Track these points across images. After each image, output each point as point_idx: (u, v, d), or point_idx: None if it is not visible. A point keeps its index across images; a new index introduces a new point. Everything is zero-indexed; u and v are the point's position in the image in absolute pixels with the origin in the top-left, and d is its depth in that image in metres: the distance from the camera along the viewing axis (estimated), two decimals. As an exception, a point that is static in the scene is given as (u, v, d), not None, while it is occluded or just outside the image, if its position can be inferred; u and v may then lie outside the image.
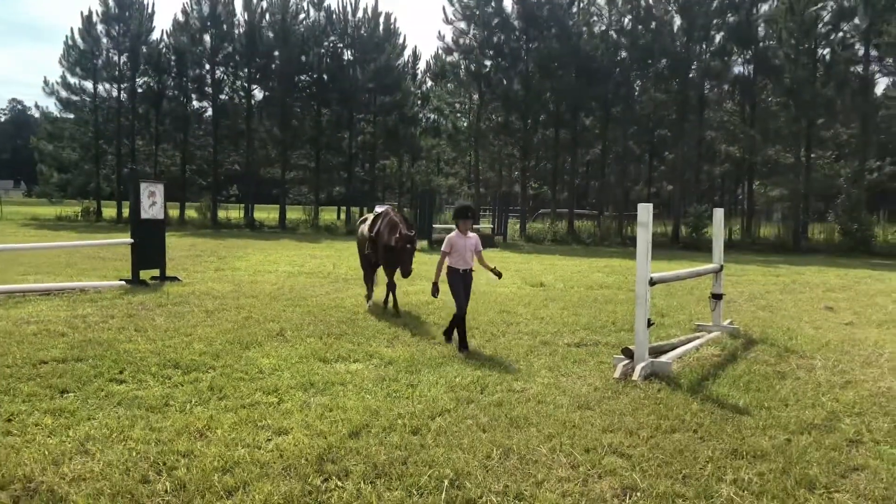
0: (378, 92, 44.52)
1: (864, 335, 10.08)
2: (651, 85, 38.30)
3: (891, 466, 4.95)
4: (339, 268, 18.12)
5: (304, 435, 5.30)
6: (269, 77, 43.55)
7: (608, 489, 4.49)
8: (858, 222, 30.56)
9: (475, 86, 40.61)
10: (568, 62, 37.09)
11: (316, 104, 43.88)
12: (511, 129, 39.59)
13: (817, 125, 34.08)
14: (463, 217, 8.74)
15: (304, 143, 44.25)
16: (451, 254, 8.67)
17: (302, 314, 10.66)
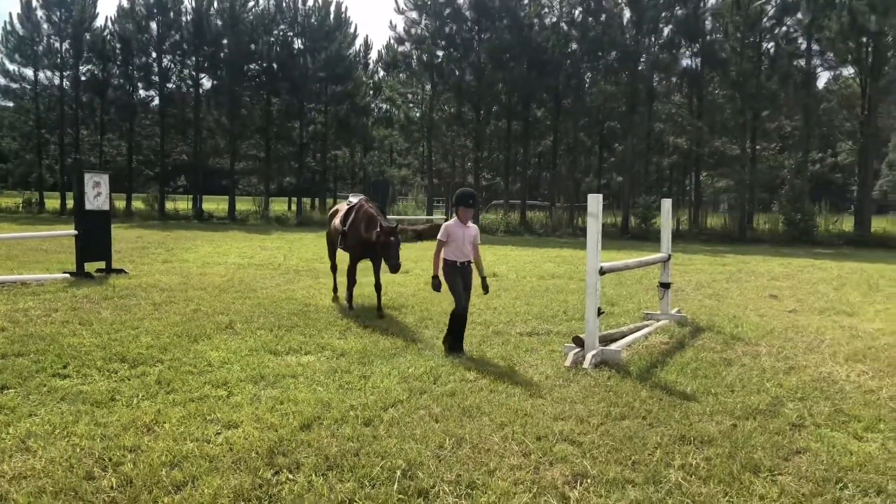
0: (329, 81, 44.12)
1: (806, 322, 10.35)
2: (601, 77, 38.69)
3: (831, 449, 5.10)
4: (289, 259, 17.94)
5: (255, 428, 5.24)
6: (217, 66, 42.81)
7: (559, 476, 4.54)
8: (801, 212, 31.34)
9: (427, 76, 40.52)
10: (519, 53, 37.23)
11: (265, 93, 43.31)
12: (464, 119, 39.63)
13: (762, 117, 34.82)
14: (464, 204, 7.87)
15: (254, 133, 43.68)
16: (448, 244, 7.89)
17: (252, 306, 10.53)
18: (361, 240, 10.16)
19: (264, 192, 44.69)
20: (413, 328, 9.29)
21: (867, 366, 7.64)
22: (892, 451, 5.12)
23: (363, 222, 10.18)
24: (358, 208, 10.50)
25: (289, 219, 39.70)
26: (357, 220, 10.35)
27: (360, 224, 10.23)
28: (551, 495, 4.25)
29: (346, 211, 10.75)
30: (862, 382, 6.96)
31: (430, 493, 4.26)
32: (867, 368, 7.52)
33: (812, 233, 31.09)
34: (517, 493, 4.28)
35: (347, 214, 10.62)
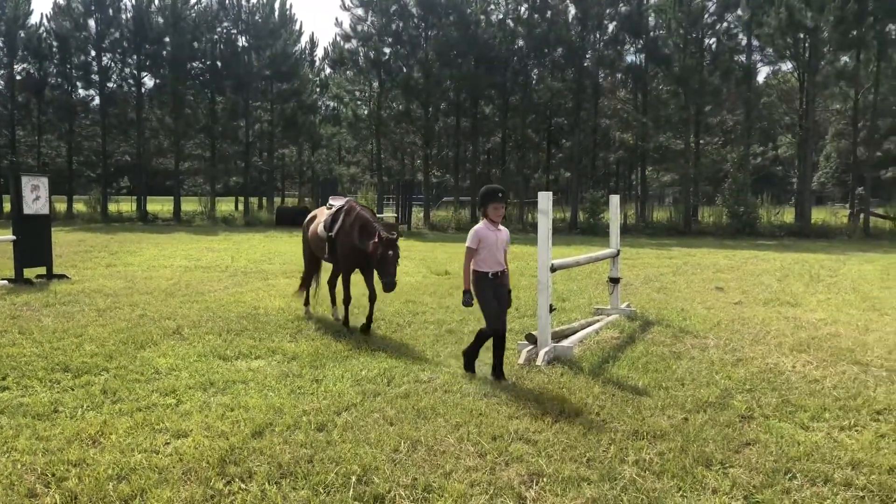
0: (275, 79, 43.58)
1: (752, 314, 10.57)
2: (548, 73, 38.98)
3: (779, 440, 5.20)
4: (237, 261, 17.66)
5: (205, 437, 5.13)
6: (159, 64, 41.90)
7: (515, 476, 4.54)
8: (744, 205, 32.01)
9: (375, 73, 40.27)
10: (467, 50, 37.26)
11: (210, 92, 42.56)
12: (412, 117, 39.52)
13: (705, 112, 35.50)
14: (496, 200, 6.92)
15: (199, 133, 42.87)
16: (479, 252, 6.82)
17: (200, 310, 10.33)
18: (354, 248, 8.93)
19: (210, 192, 43.93)
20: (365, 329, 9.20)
21: (811, 356, 7.83)
22: (837, 440, 5.24)
23: (356, 229, 8.93)
24: (348, 211, 9.26)
25: (236, 219, 39.10)
26: (348, 225, 9.10)
27: (352, 230, 8.98)
28: (508, 496, 4.24)
29: (332, 215, 9.45)
30: (807, 372, 7.12)
31: (386, 498, 4.22)
32: (811, 358, 7.70)
33: (755, 225, 31.80)
34: (474, 495, 4.26)
35: (334, 219, 9.35)
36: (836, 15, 29.99)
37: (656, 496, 4.25)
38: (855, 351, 8.06)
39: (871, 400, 6.16)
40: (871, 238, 29.33)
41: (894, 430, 5.44)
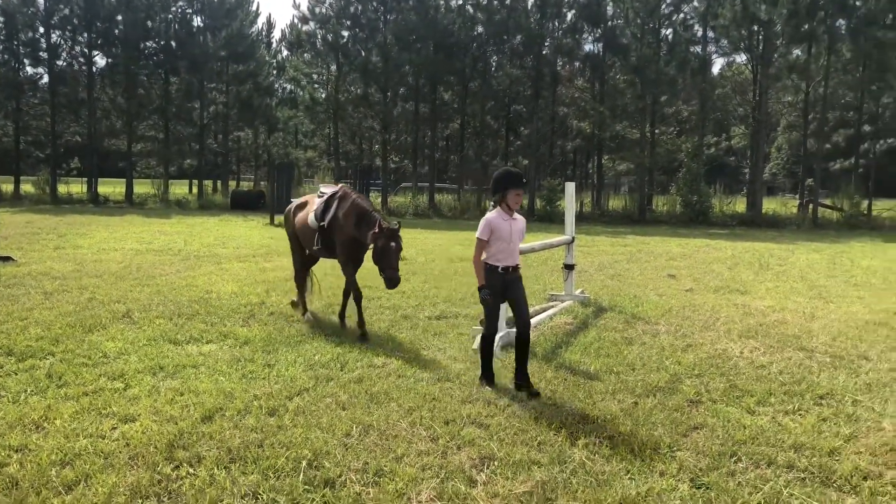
0: (231, 60, 42.79)
1: (702, 300, 10.75)
2: (507, 60, 39.00)
3: (725, 424, 5.30)
4: (190, 244, 17.38)
5: (153, 421, 5.05)
6: (111, 43, 40.81)
7: (467, 460, 4.55)
8: (698, 194, 32.50)
9: (333, 56, 39.88)
10: (426, 35, 37.07)
11: (164, 72, 41.62)
12: (370, 101, 39.25)
13: (661, 102, 35.91)
14: (517, 186, 6.12)
15: (152, 114, 41.92)
16: (491, 244, 6.07)
17: (150, 294, 10.15)
18: (350, 239, 8.13)
19: (164, 174, 43.11)
20: (320, 314, 9.14)
21: (759, 342, 8.00)
22: (781, 423, 5.36)
23: (353, 217, 8.07)
24: (341, 198, 8.37)
25: (190, 202, 38.44)
26: (343, 214, 8.20)
27: (348, 219, 8.12)
28: (459, 479, 4.26)
29: (324, 203, 8.51)
30: (754, 358, 7.27)
31: (337, 482, 4.21)
32: (759, 344, 7.87)
33: (707, 214, 32.31)
34: (425, 479, 4.27)
35: (326, 207, 8.43)
36: (789, 9, 30.52)
37: (605, 479, 4.30)
38: (801, 337, 8.26)
39: (814, 385, 6.32)
40: (819, 228, 30.03)
41: (836, 414, 5.59)
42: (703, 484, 4.30)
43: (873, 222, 31.15)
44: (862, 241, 23.24)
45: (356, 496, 4.05)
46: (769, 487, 4.25)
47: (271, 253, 15.94)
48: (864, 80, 33.13)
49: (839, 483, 4.36)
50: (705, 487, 4.25)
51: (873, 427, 5.33)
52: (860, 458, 4.70)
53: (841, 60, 33.41)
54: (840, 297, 11.42)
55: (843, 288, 12.40)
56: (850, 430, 5.26)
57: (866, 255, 18.55)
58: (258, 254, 15.68)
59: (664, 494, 4.14)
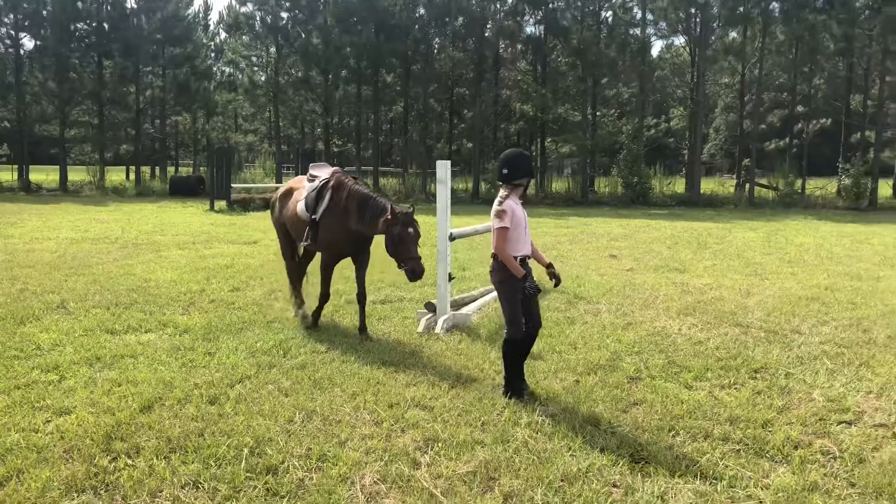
0: (166, 43, 41.81)
1: (642, 280, 10.94)
2: (449, 43, 38.91)
3: (664, 399, 5.42)
4: (128, 232, 16.96)
5: (90, 413, 4.93)
6: (40, 24, 39.43)
7: (411, 442, 4.56)
8: (638, 175, 33.04)
9: (272, 39, 39.26)
10: (367, 17, 36.73)
11: (97, 55, 40.41)
12: (311, 84, 38.76)
13: (602, 84, 36.30)
14: (529, 173, 5.58)
15: (85, 98, 40.70)
16: (510, 232, 5.42)
17: (87, 283, 9.88)
18: (348, 231, 7.24)
19: (99, 161, 41.90)
20: (261, 300, 9.03)
21: (696, 319, 8.18)
22: (718, 397, 5.50)
23: (353, 207, 7.12)
24: (337, 185, 7.35)
25: (127, 189, 37.50)
26: (340, 202, 7.24)
27: (346, 210, 7.18)
28: (403, 462, 4.26)
29: (317, 190, 7.47)
30: (692, 335, 7.44)
31: (280, 468, 4.17)
32: (696, 321, 8.05)
33: (648, 195, 32.88)
34: (369, 462, 4.27)
35: (319, 195, 7.41)
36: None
37: (547, 456, 4.36)
38: (737, 313, 8.48)
39: (749, 360, 6.49)
40: (755, 207, 30.83)
41: (769, 387, 5.76)
42: (643, 458, 4.38)
43: (807, 200, 32.11)
44: (796, 220, 23.95)
45: (299, 482, 4.03)
46: (706, 459, 4.36)
47: (212, 240, 15.67)
48: (797, 62, 34.01)
49: (772, 453, 4.50)
50: (644, 461, 4.34)
51: (804, 398, 5.50)
52: (792, 429, 4.85)
53: (775, 42, 34.28)
54: (774, 273, 11.75)
55: (777, 265, 12.75)
56: (783, 401, 5.42)
57: (800, 232, 19.12)
58: (198, 241, 15.40)
59: (605, 469, 4.21)
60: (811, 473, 4.19)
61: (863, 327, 7.81)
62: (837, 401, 5.43)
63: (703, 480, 4.09)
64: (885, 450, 4.56)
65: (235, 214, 23.57)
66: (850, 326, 7.86)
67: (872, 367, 6.30)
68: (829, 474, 4.22)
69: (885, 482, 4.08)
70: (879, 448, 4.60)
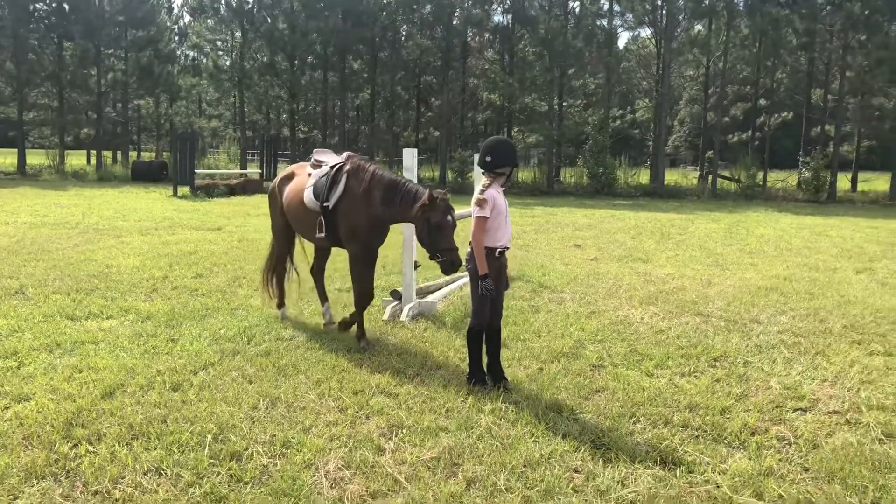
0: (129, 25, 41.05)
1: (606, 269, 11.06)
2: (416, 30, 38.76)
3: (626, 387, 5.50)
4: (88, 217, 16.68)
5: (50, 400, 4.87)
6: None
7: (375, 429, 4.58)
8: (604, 166, 33.27)
9: (237, 23, 38.74)
10: (334, 3, 36.42)
11: (56, 37, 39.52)
12: (277, 69, 38.35)
13: (568, 75, 36.43)
14: (512, 161, 5.47)
15: (45, 80, 39.81)
16: (490, 222, 5.33)
17: (46, 269, 9.72)
18: (371, 218, 6.44)
19: (59, 144, 41.08)
20: (225, 287, 8.96)
21: (658, 308, 8.30)
22: (678, 385, 5.60)
23: (378, 190, 6.33)
24: (355, 170, 6.56)
25: (88, 174, 36.79)
26: (360, 187, 6.46)
27: (370, 194, 6.38)
28: (367, 448, 4.28)
29: (329, 176, 6.65)
30: (654, 323, 7.55)
31: (244, 455, 4.16)
32: (658, 310, 8.17)
33: (613, 185, 33.14)
34: (333, 448, 4.28)
35: (334, 181, 6.59)
36: (691, -16, 31.40)
37: (510, 442, 4.41)
38: (698, 303, 8.61)
39: (709, 348, 6.61)
40: (718, 198, 31.25)
41: (728, 375, 5.87)
42: (604, 444, 4.45)
43: (768, 193, 32.62)
44: (757, 211, 24.33)
45: (263, 468, 4.02)
46: (665, 445, 4.44)
47: (175, 226, 15.48)
48: (761, 56, 34.48)
49: (729, 439, 4.60)
50: (606, 447, 4.41)
51: (762, 386, 5.63)
52: (749, 416, 4.96)
53: (739, 36, 34.67)
54: (735, 264, 11.94)
55: (738, 255, 12.97)
56: (741, 389, 5.54)
57: (760, 224, 19.44)
58: (161, 226, 15.20)
59: (567, 455, 4.27)
60: (767, 459, 4.30)
61: (819, 317, 7.99)
62: (793, 388, 5.56)
63: (662, 466, 4.17)
64: (838, 436, 4.69)
65: (199, 200, 23.30)
66: (808, 316, 8.03)
67: (828, 356, 6.46)
68: (784, 460, 4.33)
69: (836, 467, 4.20)
70: (832, 434, 4.73)
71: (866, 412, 5.11)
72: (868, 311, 8.32)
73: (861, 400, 5.35)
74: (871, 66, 30.44)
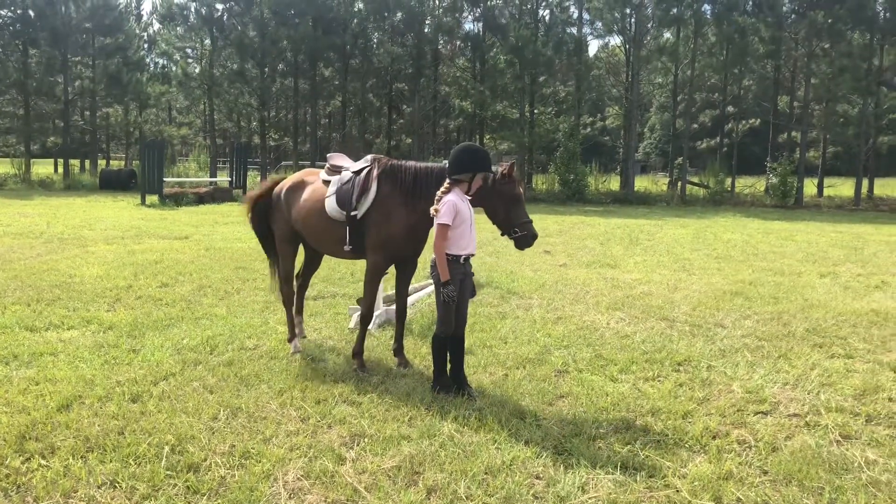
0: (96, 32, 40.58)
1: (574, 275, 11.11)
2: (388, 38, 38.77)
3: (589, 392, 5.51)
4: (53, 226, 16.43)
5: (3, 413, 4.78)
6: (-40, 10, 37.86)
7: (337, 438, 4.55)
8: (574, 173, 33.44)
9: (207, 30, 38.50)
10: (304, 10, 36.31)
11: (21, 43, 38.95)
12: (247, 77, 38.13)
13: (539, 82, 36.63)
14: (488, 168, 5.39)
15: (10, 88, 39.22)
16: (453, 229, 5.31)
17: (6, 279, 9.55)
18: (411, 223, 5.85)
19: (25, 153, 40.45)
20: (190, 296, 8.86)
21: (625, 313, 8.35)
22: (641, 390, 5.62)
23: (422, 186, 5.78)
24: (386, 172, 5.95)
25: (55, 182, 36.26)
26: (399, 190, 5.85)
27: (412, 192, 5.81)
28: (327, 458, 4.24)
29: (354, 182, 6.01)
30: (619, 328, 7.59)
31: (202, 466, 4.11)
32: (624, 315, 8.22)
33: (584, 192, 33.30)
34: (293, 459, 4.23)
35: (363, 188, 5.93)
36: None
37: (472, 450, 4.39)
38: (664, 308, 8.68)
39: (673, 352, 6.65)
40: (687, 204, 31.56)
41: (692, 379, 5.91)
42: (566, 450, 4.45)
43: (736, 198, 33.02)
44: (725, 217, 24.61)
45: (221, 479, 3.97)
46: (626, 450, 4.45)
47: (141, 234, 15.31)
48: (728, 63, 34.92)
49: (690, 443, 4.62)
50: (567, 453, 4.41)
51: (724, 390, 5.67)
52: (710, 420, 5.00)
53: (707, 44, 35.10)
54: (702, 269, 12.05)
55: (705, 260, 13.09)
56: (704, 393, 5.58)
57: (728, 229, 19.65)
58: (127, 235, 15.02)
59: (528, 462, 4.27)
60: (727, 462, 4.32)
61: (783, 321, 8.08)
62: (755, 392, 5.61)
63: (623, 471, 4.18)
64: (797, 438, 4.74)
65: (167, 209, 23.06)
66: (771, 320, 8.12)
67: (790, 360, 6.53)
68: (743, 463, 4.36)
69: (795, 469, 4.24)
70: (792, 437, 4.78)
71: (825, 414, 5.17)
72: (830, 314, 8.43)
73: (821, 402, 5.41)
74: (834, 73, 30.98)
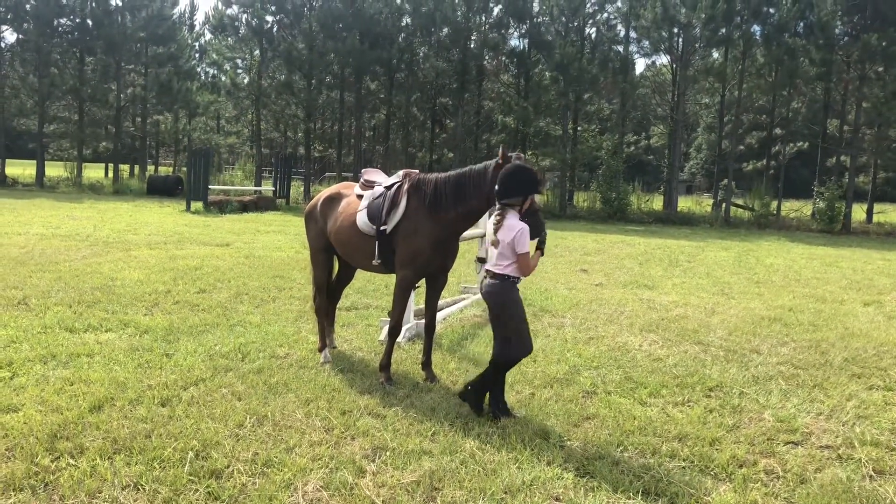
0: (150, 42, 41.59)
1: (610, 295, 11.01)
2: (433, 53, 39.01)
3: (617, 414, 5.45)
4: (100, 230, 16.82)
5: (38, 412, 4.89)
6: (22, 18, 39.08)
7: (359, 450, 4.57)
8: (616, 191, 33.20)
9: (256, 41, 39.15)
10: (352, 24, 36.74)
11: (79, 51, 40.11)
12: (294, 88, 38.65)
13: (583, 100, 36.52)
14: (537, 189, 5.20)
15: (66, 94, 40.36)
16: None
17: (51, 280, 9.80)
18: (441, 236, 5.96)
19: (77, 157, 41.54)
20: (226, 303, 8.99)
21: (658, 335, 8.25)
22: (670, 414, 5.55)
23: (448, 194, 5.83)
24: (414, 187, 6.06)
25: (104, 186, 37.19)
26: (424, 203, 5.93)
27: (438, 206, 5.87)
28: (348, 469, 4.26)
29: (386, 197, 6.12)
30: (652, 351, 7.49)
31: (224, 472, 4.16)
32: (658, 338, 8.12)
33: (625, 211, 33.04)
34: (314, 469, 4.26)
35: (393, 202, 6.06)
36: (707, 13, 31.42)
37: (493, 468, 4.38)
38: (699, 331, 8.55)
39: (705, 377, 6.55)
40: (730, 226, 31.09)
41: (722, 405, 5.81)
42: (589, 472, 4.41)
43: (781, 222, 32.42)
44: (769, 240, 24.18)
45: (241, 486, 4.01)
46: (650, 476, 4.39)
47: (184, 240, 15.58)
48: (776, 85, 34.41)
49: (716, 471, 4.54)
50: (590, 476, 4.36)
51: (755, 418, 5.56)
52: (738, 448, 4.90)
53: (755, 65, 34.62)
54: (741, 293, 11.86)
55: (745, 285, 12.88)
56: (734, 420, 5.48)
57: (771, 253, 19.31)
58: (170, 241, 15.31)
59: (549, 483, 4.24)
60: (752, 492, 4.24)
61: (821, 349, 7.91)
62: (787, 421, 5.49)
63: (644, 496, 4.12)
64: (828, 471, 4.62)
65: (211, 216, 23.46)
66: (809, 348, 7.95)
67: (825, 389, 6.38)
68: (769, 493, 4.27)
69: (823, 502, 4.14)
70: (822, 469, 4.66)
71: (859, 447, 5.03)
72: (871, 344, 8.23)
73: (855, 435, 5.28)
74: (887, 97, 30.31)
